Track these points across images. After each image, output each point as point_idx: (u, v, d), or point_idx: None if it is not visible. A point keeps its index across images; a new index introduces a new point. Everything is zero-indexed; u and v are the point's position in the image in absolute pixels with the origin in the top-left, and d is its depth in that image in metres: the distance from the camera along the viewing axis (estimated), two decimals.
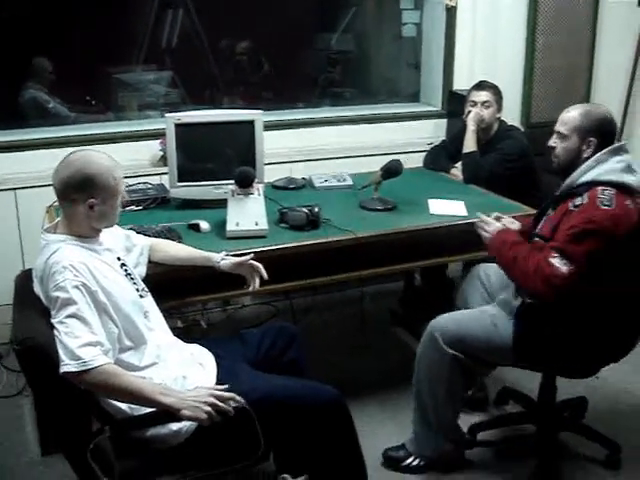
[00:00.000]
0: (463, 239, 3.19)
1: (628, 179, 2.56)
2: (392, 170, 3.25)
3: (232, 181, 3.06)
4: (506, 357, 2.75)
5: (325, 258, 2.98)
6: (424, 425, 2.87)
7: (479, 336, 2.72)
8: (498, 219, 2.88)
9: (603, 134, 2.63)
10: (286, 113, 4.68)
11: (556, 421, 3.11)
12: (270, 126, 3.33)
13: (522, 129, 4.36)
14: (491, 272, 3.06)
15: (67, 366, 1.99)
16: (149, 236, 2.76)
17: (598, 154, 2.60)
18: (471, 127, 3.76)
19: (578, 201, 2.56)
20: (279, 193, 3.53)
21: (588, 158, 2.61)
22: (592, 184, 2.56)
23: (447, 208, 3.29)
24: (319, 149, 4.48)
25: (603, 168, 2.57)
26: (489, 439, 3.12)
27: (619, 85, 5.02)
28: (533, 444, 3.07)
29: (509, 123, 3.96)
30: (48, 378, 2.03)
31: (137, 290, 2.35)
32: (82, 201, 2.21)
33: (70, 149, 3.88)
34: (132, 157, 4.02)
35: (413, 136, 4.70)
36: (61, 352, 2.01)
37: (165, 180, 3.57)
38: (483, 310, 2.87)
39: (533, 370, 2.93)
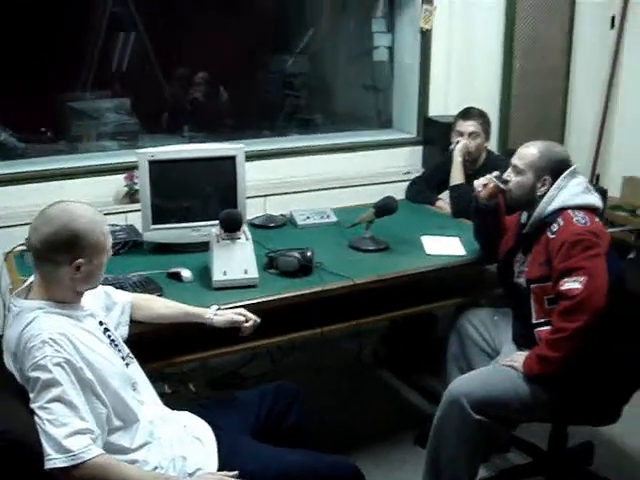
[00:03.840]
0: (463, 280, 3.05)
1: (592, 199, 2.64)
2: (387, 208, 3.03)
3: (212, 222, 2.80)
4: (541, 411, 2.57)
5: (319, 306, 2.71)
6: None
7: (508, 394, 2.52)
8: (498, 178, 2.77)
9: (558, 174, 2.64)
10: (253, 143, 4.40)
11: (566, 470, 2.94)
12: None
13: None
14: (478, 320, 2.94)
15: (53, 461, 1.70)
16: (126, 289, 2.47)
17: (557, 181, 2.63)
18: (458, 159, 3.59)
19: (554, 227, 2.55)
20: (259, 232, 3.23)
21: (542, 196, 2.63)
22: (561, 210, 2.58)
23: (443, 247, 3.09)
24: (291, 181, 4.26)
25: (566, 193, 2.61)
26: None
27: (595, 107, 5.00)
28: None
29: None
30: (34, 477, 1.72)
31: (122, 359, 2.06)
32: (67, 262, 1.90)
33: (23, 187, 3.63)
34: (94, 193, 3.71)
35: (388, 165, 4.51)
36: (45, 444, 1.72)
37: (133, 220, 3.28)
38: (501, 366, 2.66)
39: (562, 423, 2.78)
